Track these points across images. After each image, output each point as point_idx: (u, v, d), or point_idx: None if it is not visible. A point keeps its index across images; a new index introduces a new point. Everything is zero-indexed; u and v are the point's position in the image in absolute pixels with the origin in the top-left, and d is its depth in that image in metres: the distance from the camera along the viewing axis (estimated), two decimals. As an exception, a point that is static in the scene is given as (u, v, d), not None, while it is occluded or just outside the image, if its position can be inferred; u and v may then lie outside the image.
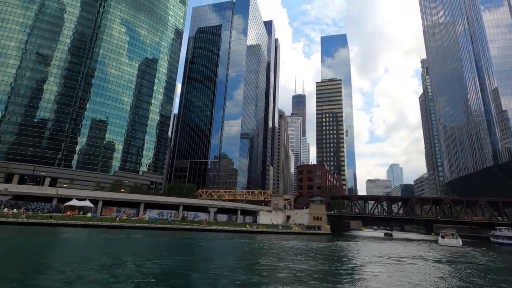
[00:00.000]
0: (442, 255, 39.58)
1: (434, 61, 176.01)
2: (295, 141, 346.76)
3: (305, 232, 74.62)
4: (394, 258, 32.83)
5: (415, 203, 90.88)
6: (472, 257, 38.61)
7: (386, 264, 27.43)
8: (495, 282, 21.46)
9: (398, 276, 20.91)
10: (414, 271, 23.96)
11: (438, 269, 26.12)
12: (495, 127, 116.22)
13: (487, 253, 46.25)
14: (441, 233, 63.41)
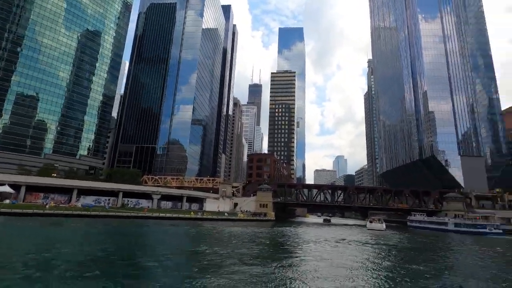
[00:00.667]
0: (366, 237, 44.07)
1: (378, 62, 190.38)
2: (249, 130, 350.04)
3: (250, 219, 76.53)
4: (324, 240, 35.51)
5: (352, 191, 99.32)
6: (387, 238, 43.74)
7: (316, 245, 29.52)
8: (395, 257, 24.53)
9: (323, 254, 22.63)
10: (336, 250, 26.22)
11: (356, 248, 28.95)
12: (422, 126, 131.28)
13: (402, 235, 52.86)
14: (370, 219, 71.02)
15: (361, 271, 17.67)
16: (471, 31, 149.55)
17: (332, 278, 15.30)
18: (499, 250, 35.45)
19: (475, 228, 62.75)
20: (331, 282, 14.59)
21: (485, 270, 21.42)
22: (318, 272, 16.86)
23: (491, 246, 39.63)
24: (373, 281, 15.17)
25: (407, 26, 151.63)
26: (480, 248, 36.25)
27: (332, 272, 17.15)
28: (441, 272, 19.18)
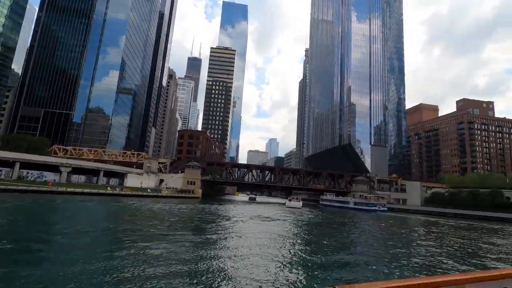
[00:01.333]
0: (282, 213, 47.66)
1: (314, 52, 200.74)
2: (185, 105, 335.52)
3: (176, 196, 74.80)
4: (243, 216, 36.92)
5: (278, 172, 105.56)
6: (301, 214, 48.25)
7: (232, 221, 30.40)
8: (302, 228, 27.15)
9: (237, 229, 23.37)
10: (249, 226, 27.49)
11: (271, 224, 30.93)
12: (344, 117, 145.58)
13: (314, 212, 58.96)
14: (289, 197, 77.57)
15: (271, 246, 18.78)
16: (392, 36, 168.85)
17: (239, 251, 15.85)
18: (383, 223, 42.53)
19: (368, 206, 75.59)
20: (238, 255, 15.09)
21: (374, 233, 25.35)
22: (227, 246, 17.28)
23: (378, 220, 47.42)
24: (280, 252, 16.29)
25: (342, 22, 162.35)
26: (372, 221, 42.91)
27: (240, 245, 17.79)
28: (342, 238, 21.90)
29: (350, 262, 15.65)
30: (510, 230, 43.26)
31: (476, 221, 64.15)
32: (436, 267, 15.65)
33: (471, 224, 52.15)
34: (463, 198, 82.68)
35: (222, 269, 12.30)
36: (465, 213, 76.32)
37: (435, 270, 15.06)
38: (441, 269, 15.23)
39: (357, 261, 16.15)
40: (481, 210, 75.25)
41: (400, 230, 35.94)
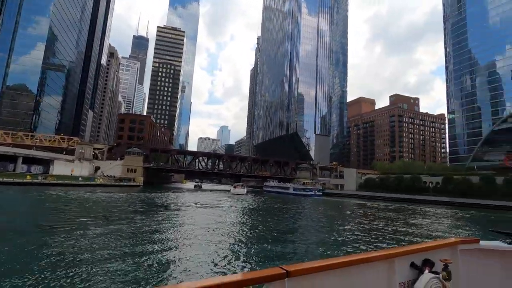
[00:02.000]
0: (224, 199, 47.54)
1: (266, 41, 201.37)
2: (130, 88, 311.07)
3: (113, 184, 69.50)
4: (180, 204, 35.65)
5: (226, 159, 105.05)
6: (242, 199, 48.72)
7: (168, 209, 29.02)
8: (242, 213, 27.22)
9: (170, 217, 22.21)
10: (185, 214, 26.56)
11: (210, 212, 30.37)
12: (292, 106, 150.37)
13: (258, 198, 60.26)
14: (234, 184, 78.25)
15: (211, 233, 18.12)
16: (338, 32, 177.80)
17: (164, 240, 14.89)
18: (321, 207, 45.32)
19: (305, 191, 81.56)
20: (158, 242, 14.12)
21: (311, 216, 26.52)
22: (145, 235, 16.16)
23: (315, 204, 50.49)
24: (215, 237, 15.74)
25: (293, 14, 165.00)
26: (309, 205, 45.40)
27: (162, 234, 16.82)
28: (282, 221, 22.28)
29: (289, 244, 15.98)
30: (425, 210, 49.71)
31: (399, 203, 72.55)
32: (366, 243, 16.88)
33: (395, 205, 58.77)
34: (391, 183, 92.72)
35: (159, 262, 11.18)
36: (392, 196, 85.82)
37: (366, 246, 16.20)
38: (369, 245, 16.43)
39: (296, 242, 16.55)
40: (404, 193, 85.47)
41: (334, 213, 38.54)
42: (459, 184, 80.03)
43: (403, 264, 2.50)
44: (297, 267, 1.79)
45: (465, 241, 3.02)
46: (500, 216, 46.02)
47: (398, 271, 2.43)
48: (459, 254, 2.96)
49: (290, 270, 1.72)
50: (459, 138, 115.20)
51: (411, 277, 2.50)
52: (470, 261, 2.99)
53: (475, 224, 33.08)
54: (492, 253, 3.06)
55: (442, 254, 2.76)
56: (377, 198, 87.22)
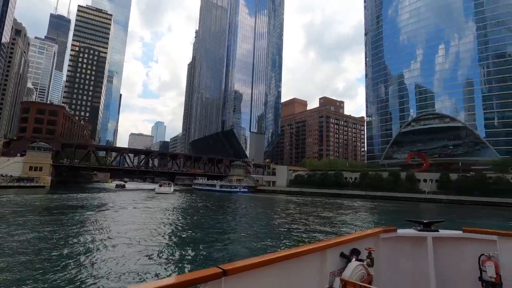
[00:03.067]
0: (145, 199, 43.59)
1: (205, 37, 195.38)
2: (44, 74, 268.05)
3: (9, 186, 58.11)
4: (92, 207, 30.94)
5: (155, 156, 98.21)
6: (166, 198, 45.51)
7: (80, 212, 24.51)
8: (162, 214, 24.62)
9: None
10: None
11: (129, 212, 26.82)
12: (228, 104, 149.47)
13: (182, 196, 57.32)
14: (159, 183, 73.40)
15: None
16: (275, 35, 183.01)
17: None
18: (252, 203, 44.96)
19: (230, 188, 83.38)
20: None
21: (239, 211, 25.28)
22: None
23: (244, 200, 50.16)
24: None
25: (232, 11, 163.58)
26: (239, 202, 44.63)
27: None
28: (208, 219, 20.35)
29: (219, 243, 14.94)
30: (346, 203, 53.66)
31: (323, 197, 77.92)
32: (298, 235, 16.39)
33: (319, 200, 62.51)
34: (317, 179, 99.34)
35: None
36: (317, 191, 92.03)
37: (297, 239, 15.74)
38: (299, 238, 15.98)
39: (226, 240, 15.69)
40: (328, 188, 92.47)
41: (263, 209, 38.45)
42: (373, 179, 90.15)
43: (334, 254, 2.70)
44: (234, 265, 1.78)
45: (386, 230, 3.40)
46: (402, 207, 52.63)
47: (329, 261, 2.62)
48: (380, 242, 3.31)
49: (226, 269, 1.70)
50: (374, 139, 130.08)
51: (340, 266, 2.70)
52: (389, 247, 3.39)
53: (386, 215, 36.71)
54: (407, 239, 3.52)
55: (367, 243, 3.01)
56: (305, 193, 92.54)
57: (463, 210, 48.57)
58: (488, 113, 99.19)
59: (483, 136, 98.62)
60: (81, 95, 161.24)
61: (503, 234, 3.21)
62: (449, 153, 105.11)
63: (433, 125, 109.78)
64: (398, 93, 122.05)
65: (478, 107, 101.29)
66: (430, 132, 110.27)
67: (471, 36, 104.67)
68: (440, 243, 3.48)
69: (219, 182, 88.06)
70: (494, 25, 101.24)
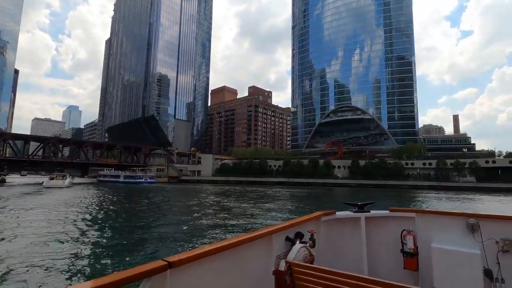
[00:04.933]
0: (23, 196, 34.66)
1: (125, 10, 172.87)
2: None
3: None
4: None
5: (53, 144, 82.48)
6: (55, 193, 37.25)
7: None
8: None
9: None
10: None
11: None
12: (151, 89, 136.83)
13: (80, 189, 48.65)
14: (51, 175, 62.04)
15: None
16: (206, 22, 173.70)
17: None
18: (152, 195, 40.06)
19: (135, 179, 79.49)
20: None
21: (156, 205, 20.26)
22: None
23: (145, 190, 45.01)
24: None
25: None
26: (152, 194, 39.29)
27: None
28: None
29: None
30: (266, 191, 52.92)
31: (247, 185, 77.24)
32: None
33: (241, 188, 60.88)
34: (243, 167, 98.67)
35: None
36: (242, 179, 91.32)
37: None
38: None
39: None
40: (253, 176, 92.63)
41: (177, 202, 34.17)
42: (295, 166, 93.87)
43: (279, 239, 2.83)
44: (180, 256, 1.73)
45: (326, 214, 3.66)
46: (318, 192, 54.70)
47: (275, 246, 2.74)
48: (321, 224, 3.58)
49: (172, 260, 1.63)
50: (299, 128, 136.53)
51: (285, 249, 2.85)
52: (329, 229, 3.68)
53: (302, 201, 36.38)
54: (344, 221, 3.83)
55: (310, 226, 3.22)
56: (230, 182, 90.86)
57: (366, 193, 53.14)
58: (390, 107, 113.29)
59: (386, 127, 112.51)
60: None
61: (419, 211, 3.59)
62: (360, 142, 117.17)
63: (348, 117, 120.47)
64: (320, 86, 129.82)
65: (383, 102, 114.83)
66: (345, 123, 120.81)
67: (380, 41, 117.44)
68: (371, 222, 3.83)
69: (122, 173, 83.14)
70: (396, 32, 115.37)
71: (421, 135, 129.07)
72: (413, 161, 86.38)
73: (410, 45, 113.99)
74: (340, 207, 4.25)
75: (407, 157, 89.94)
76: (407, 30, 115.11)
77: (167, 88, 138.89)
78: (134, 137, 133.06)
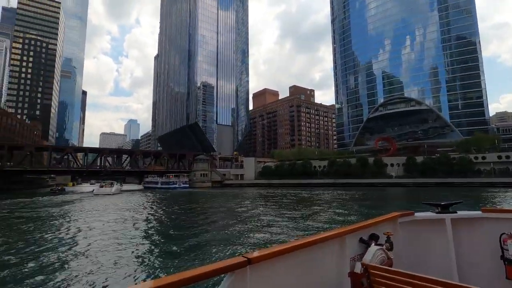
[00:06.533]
0: (74, 203, 36.80)
1: (168, 28, 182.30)
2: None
3: None
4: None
5: (107, 155, 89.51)
6: (106, 198, 38.83)
7: None
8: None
9: None
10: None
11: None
12: (191, 96, 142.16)
13: (125, 196, 50.44)
14: (101, 183, 66.29)
15: None
16: (244, 29, 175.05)
17: None
18: (181, 198, 39.30)
19: (170, 185, 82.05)
20: None
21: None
22: None
23: (176, 195, 44.52)
24: None
25: (192, 2, 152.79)
26: (173, 196, 38.92)
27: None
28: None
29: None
30: (313, 193, 49.07)
31: (290, 188, 73.73)
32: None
33: (280, 192, 57.75)
34: (285, 169, 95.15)
35: None
36: (285, 182, 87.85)
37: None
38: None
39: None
40: (296, 178, 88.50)
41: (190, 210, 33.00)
42: (341, 166, 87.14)
43: (353, 240, 2.75)
44: (258, 253, 1.87)
45: (403, 215, 3.39)
46: (368, 193, 48.87)
47: (348, 247, 2.67)
48: (398, 226, 3.33)
49: (251, 257, 1.78)
50: (345, 125, 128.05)
51: (360, 251, 2.75)
52: (407, 231, 3.38)
53: (348, 207, 32.32)
54: (425, 222, 3.49)
55: (385, 227, 3.06)
56: (272, 185, 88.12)
57: (427, 193, 45.69)
58: (452, 95, 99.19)
59: (448, 118, 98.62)
60: (27, 91, 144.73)
61: None
62: (417, 136, 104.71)
63: (400, 109, 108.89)
64: (367, 79, 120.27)
65: (443, 89, 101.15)
66: (398, 116, 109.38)
67: (434, 25, 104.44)
68: (459, 224, 3.41)
69: (160, 179, 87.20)
70: (455, 12, 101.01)
71: (493, 124, 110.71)
72: (485, 154, 73.26)
73: (472, 22, 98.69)
74: (389, 209, 3.38)
75: (476, 151, 76.81)
76: (467, 5, 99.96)
77: (210, 95, 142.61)
78: (181, 144, 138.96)
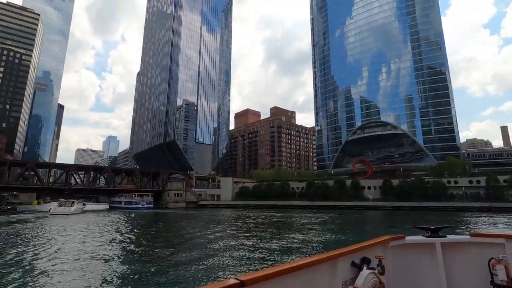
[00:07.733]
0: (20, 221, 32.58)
1: (151, 44, 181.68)
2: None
3: None
4: None
5: (73, 171, 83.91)
6: (64, 219, 34.78)
7: None
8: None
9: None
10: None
11: None
12: (170, 113, 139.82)
13: (81, 216, 46.15)
14: (60, 202, 61.58)
15: None
16: (228, 50, 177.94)
17: None
18: (138, 221, 36.11)
19: (133, 204, 78.56)
20: None
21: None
22: None
23: (141, 216, 41.16)
24: None
25: (176, 19, 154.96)
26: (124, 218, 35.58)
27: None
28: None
29: None
30: (288, 215, 46.74)
31: (267, 209, 71.13)
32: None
33: (254, 214, 55.13)
34: (263, 190, 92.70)
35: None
36: (261, 203, 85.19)
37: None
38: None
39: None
40: (273, 200, 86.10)
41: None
42: (319, 187, 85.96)
43: (345, 263, 2.72)
44: (252, 275, 1.82)
45: (394, 238, 3.42)
46: (346, 217, 47.35)
47: (340, 271, 2.63)
48: (390, 249, 3.34)
49: (244, 279, 1.74)
50: (324, 148, 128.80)
51: (352, 275, 2.73)
52: (399, 254, 3.40)
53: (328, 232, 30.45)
54: (415, 246, 3.53)
55: (377, 251, 3.06)
56: (249, 206, 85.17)
57: (403, 216, 44.81)
58: (425, 121, 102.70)
59: (422, 143, 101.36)
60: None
61: (510, 237, 3.19)
62: (393, 160, 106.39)
63: (377, 133, 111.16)
64: (346, 103, 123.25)
65: (417, 115, 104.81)
66: (375, 140, 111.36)
67: (408, 54, 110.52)
68: (448, 248, 3.46)
69: (124, 199, 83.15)
70: (425, 43, 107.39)
71: (464, 150, 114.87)
72: (457, 178, 74.68)
73: (441, 54, 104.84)
74: (372, 234, 2.92)
75: (448, 175, 78.31)
76: (437, 39, 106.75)
77: (191, 114, 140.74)
78: (158, 162, 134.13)
